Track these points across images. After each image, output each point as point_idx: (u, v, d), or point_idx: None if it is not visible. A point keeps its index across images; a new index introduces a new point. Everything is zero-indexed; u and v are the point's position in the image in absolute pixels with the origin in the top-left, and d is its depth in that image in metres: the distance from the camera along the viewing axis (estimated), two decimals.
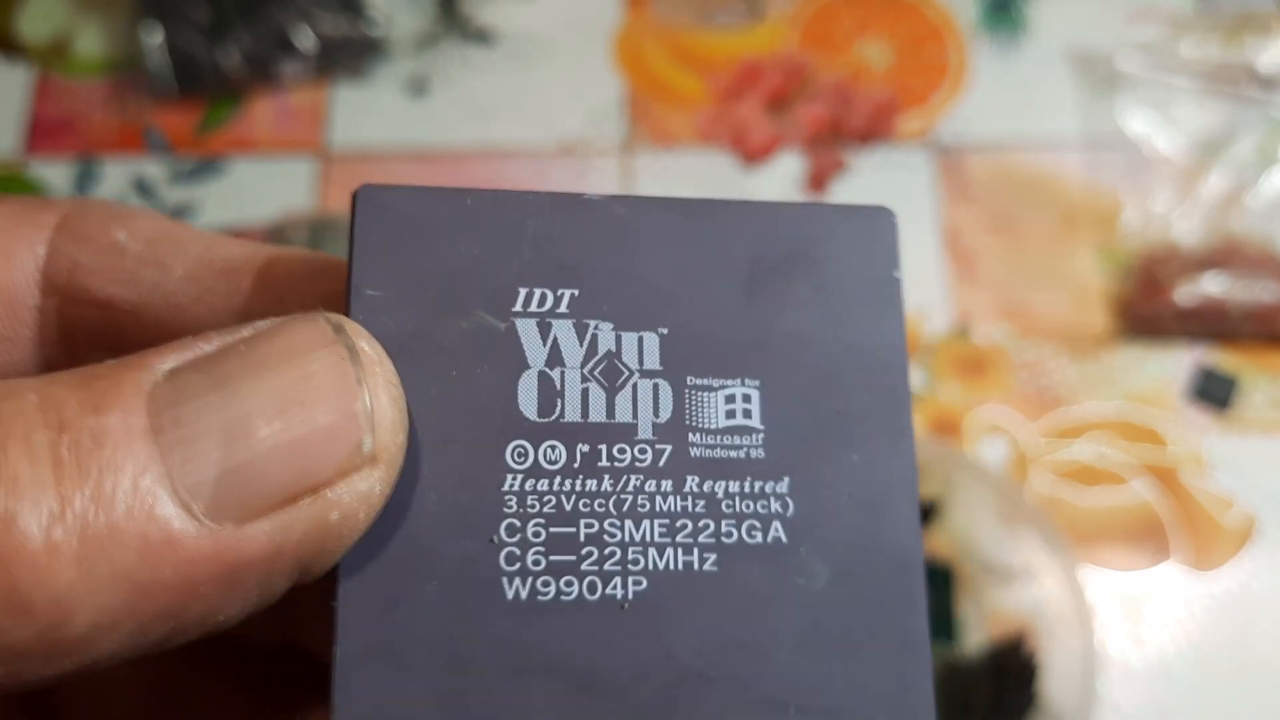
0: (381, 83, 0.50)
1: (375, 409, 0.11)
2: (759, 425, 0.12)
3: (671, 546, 0.12)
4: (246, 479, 0.10)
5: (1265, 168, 0.47)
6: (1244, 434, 0.44)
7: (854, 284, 0.13)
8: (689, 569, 0.12)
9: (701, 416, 0.12)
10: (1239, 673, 0.41)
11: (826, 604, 0.12)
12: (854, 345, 0.13)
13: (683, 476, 0.12)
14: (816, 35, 0.52)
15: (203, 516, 0.10)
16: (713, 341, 0.12)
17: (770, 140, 0.50)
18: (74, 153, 0.49)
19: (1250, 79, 0.49)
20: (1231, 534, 0.43)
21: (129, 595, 0.10)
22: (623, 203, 0.13)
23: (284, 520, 0.11)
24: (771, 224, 0.13)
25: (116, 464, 0.10)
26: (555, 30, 0.52)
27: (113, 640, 0.10)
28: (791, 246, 0.13)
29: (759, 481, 0.12)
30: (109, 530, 0.10)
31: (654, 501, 0.12)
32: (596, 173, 0.49)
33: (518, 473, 0.12)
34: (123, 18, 0.52)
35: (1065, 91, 0.50)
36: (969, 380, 0.45)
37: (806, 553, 0.12)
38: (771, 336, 0.13)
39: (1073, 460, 0.44)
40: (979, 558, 0.41)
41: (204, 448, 0.10)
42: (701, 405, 0.12)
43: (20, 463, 0.10)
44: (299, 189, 0.48)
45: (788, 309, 0.13)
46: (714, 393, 0.12)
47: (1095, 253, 0.47)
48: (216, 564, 0.10)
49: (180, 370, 0.11)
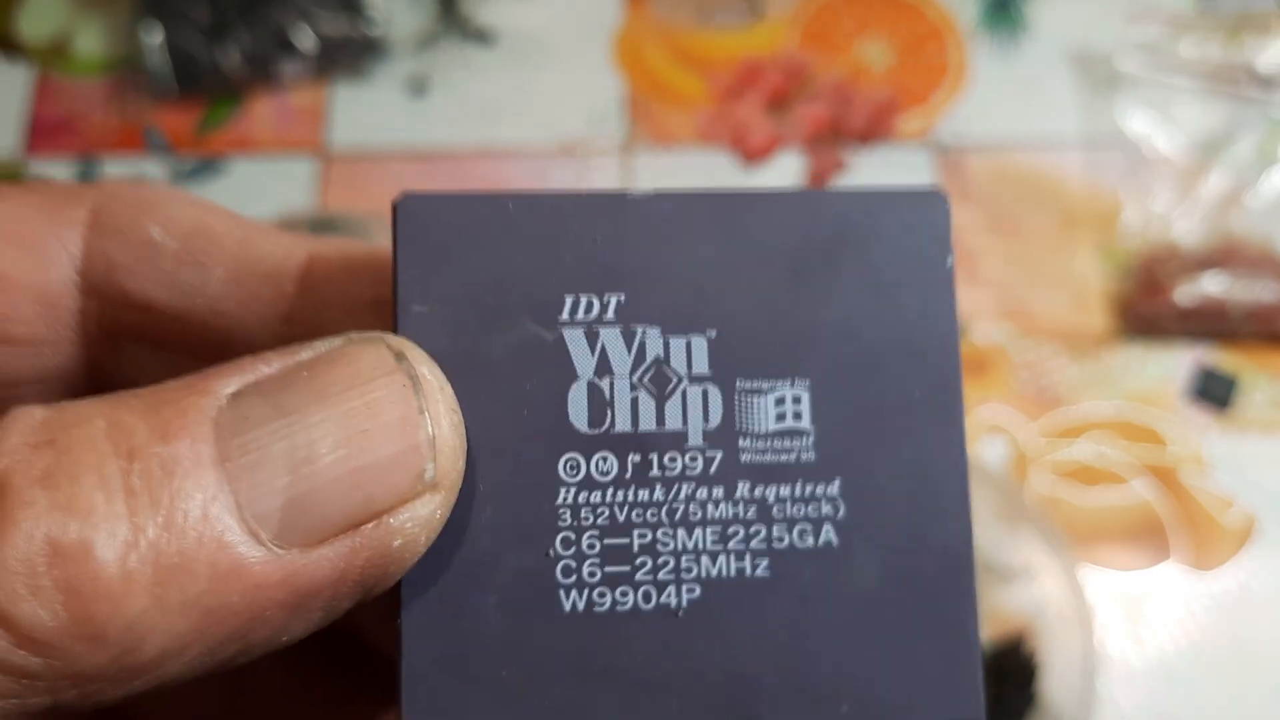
0: (381, 82, 0.50)
1: (437, 437, 0.11)
2: (809, 427, 0.12)
3: (724, 554, 0.12)
4: (311, 506, 0.11)
5: (1265, 167, 0.47)
6: (1244, 434, 0.44)
7: (903, 271, 0.13)
8: (741, 575, 0.12)
9: (752, 421, 0.12)
10: (1239, 672, 0.41)
11: (878, 601, 0.12)
12: (904, 335, 0.12)
13: (734, 483, 0.12)
14: (816, 35, 0.52)
15: (270, 543, 0.10)
16: (761, 341, 0.12)
17: (770, 140, 0.50)
18: (74, 152, 0.49)
19: (1250, 79, 0.49)
20: (1231, 534, 0.43)
21: (199, 621, 0.10)
22: (665, 199, 0.12)
23: (348, 546, 0.11)
24: (817, 212, 0.13)
25: (186, 492, 0.10)
26: (555, 30, 0.52)
27: (181, 663, 0.10)
28: (839, 234, 0.13)
29: (810, 484, 0.12)
30: (180, 558, 0.10)
31: (705, 509, 0.12)
32: (596, 172, 0.49)
33: (571, 485, 0.12)
34: (123, 17, 0.52)
35: (1065, 91, 0.50)
36: (969, 380, 0.45)
37: (858, 554, 0.12)
38: (820, 329, 0.12)
39: (1073, 460, 0.44)
40: (979, 557, 0.41)
41: (270, 475, 0.11)
42: (751, 409, 0.12)
43: (95, 493, 0.10)
44: (299, 188, 0.48)
45: (835, 299, 0.12)
46: (764, 395, 0.12)
47: (1095, 252, 0.47)
48: (283, 589, 0.11)
49: (243, 394, 0.11)
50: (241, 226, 0.14)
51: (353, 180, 0.49)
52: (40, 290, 0.13)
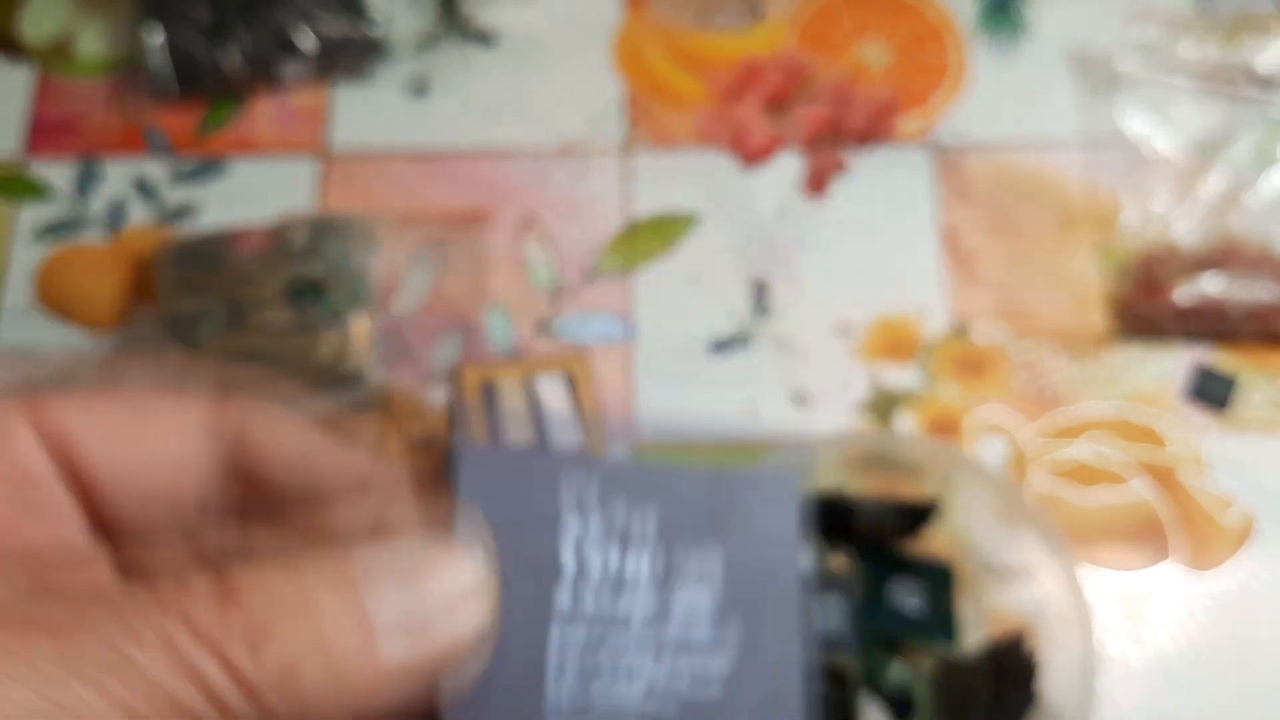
0: (382, 83, 0.51)
1: (486, 624, 0.17)
2: (709, 624, 0.18)
3: (649, 699, 0.18)
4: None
5: (1264, 168, 0.48)
6: (1243, 433, 0.45)
7: (766, 523, 0.19)
8: (660, 714, 0.18)
9: (674, 614, 0.18)
10: (1238, 672, 0.41)
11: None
12: (767, 568, 0.18)
13: (660, 653, 0.18)
14: (816, 36, 0.52)
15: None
16: (682, 557, 0.18)
17: (770, 141, 0.50)
18: (75, 153, 0.49)
19: (1249, 79, 0.49)
20: (1230, 533, 0.43)
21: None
22: (618, 469, 0.18)
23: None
24: (701, 489, 0.18)
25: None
26: (555, 31, 0.52)
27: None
28: (722, 502, 0.19)
29: (706, 659, 0.18)
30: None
31: (638, 669, 0.17)
32: (596, 173, 0.49)
33: (553, 644, 0.17)
34: (124, 18, 0.52)
35: (1064, 92, 0.51)
36: (968, 380, 0.46)
37: (731, 707, 0.18)
38: (715, 563, 0.18)
39: (1072, 460, 0.44)
40: (978, 557, 0.41)
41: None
42: (673, 606, 0.18)
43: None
44: (300, 189, 0.49)
45: (727, 536, 0.18)
46: (681, 594, 0.18)
47: (1094, 253, 0.48)
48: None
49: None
50: (339, 452, 0.19)
51: (354, 180, 0.49)
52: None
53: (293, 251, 0.43)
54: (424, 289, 0.47)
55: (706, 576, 0.18)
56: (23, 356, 0.40)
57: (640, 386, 0.45)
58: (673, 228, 0.48)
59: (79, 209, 0.49)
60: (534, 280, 0.47)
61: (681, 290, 0.47)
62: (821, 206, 0.49)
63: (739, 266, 0.48)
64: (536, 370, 0.45)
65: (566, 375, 0.45)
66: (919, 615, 0.40)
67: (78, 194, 0.49)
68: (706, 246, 0.48)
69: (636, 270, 0.47)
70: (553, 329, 0.46)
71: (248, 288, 0.42)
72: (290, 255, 0.43)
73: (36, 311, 0.47)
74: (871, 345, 0.46)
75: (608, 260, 0.48)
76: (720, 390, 0.45)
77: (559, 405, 0.45)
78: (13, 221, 0.48)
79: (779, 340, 0.46)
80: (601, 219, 0.48)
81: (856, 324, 0.46)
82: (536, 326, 0.46)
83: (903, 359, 0.46)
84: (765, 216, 0.48)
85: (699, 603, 0.18)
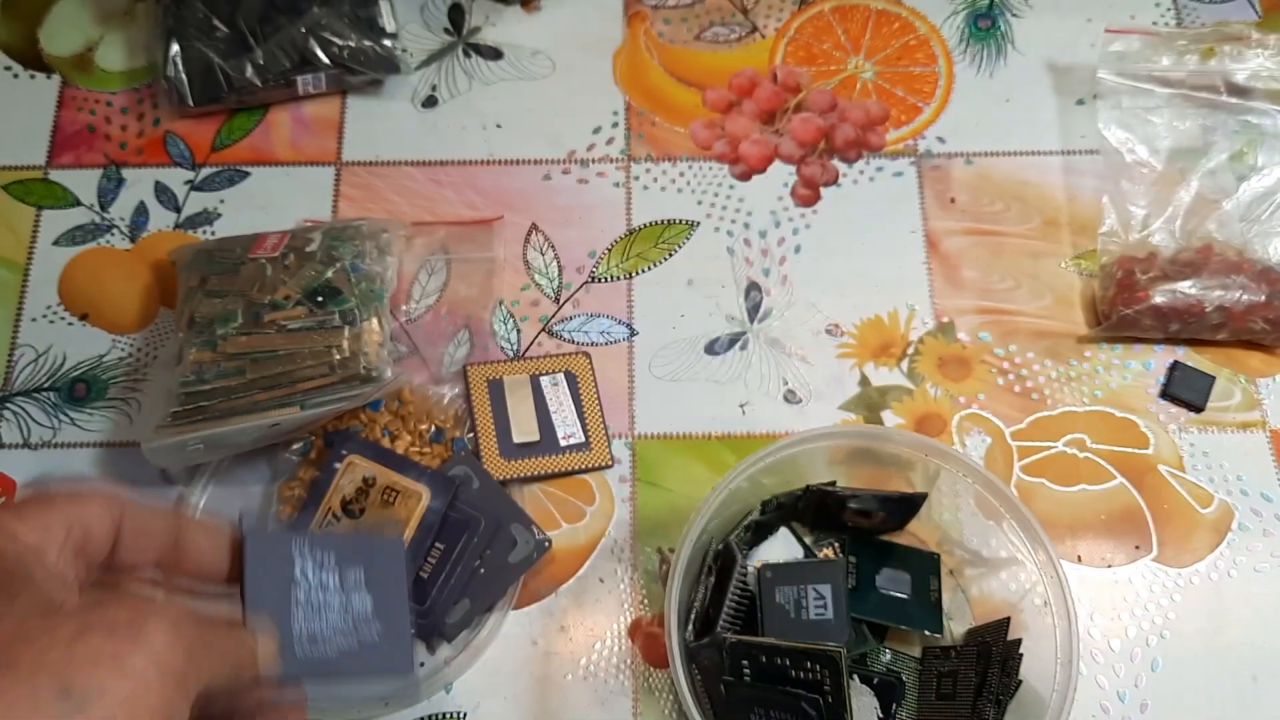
0: (394, 96, 0.52)
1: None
2: (368, 606, 0.32)
3: (342, 639, 0.32)
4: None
5: (1240, 174, 0.48)
6: (1220, 431, 0.45)
7: (384, 560, 0.34)
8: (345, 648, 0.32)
9: (350, 602, 0.32)
10: (1215, 661, 0.41)
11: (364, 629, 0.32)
12: (391, 578, 0.33)
13: (344, 619, 0.32)
14: (809, 50, 0.53)
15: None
16: (350, 574, 0.33)
17: (764, 151, 0.51)
18: (96, 162, 0.50)
19: (1226, 89, 0.50)
20: (1208, 528, 0.43)
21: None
22: (324, 536, 0.34)
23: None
24: (359, 541, 0.34)
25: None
26: (559, 47, 0.53)
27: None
28: (361, 547, 0.33)
29: (368, 622, 0.32)
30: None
31: (333, 626, 0.32)
32: (598, 182, 0.50)
33: (295, 616, 0.31)
34: (144, 32, 0.53)
35: (1047, 102, 0.51)
36: (953, 379, 0.46)
37: (383, 640, 0.32)
38: (363, 575, 0.33)
39: (1053, 457, 0.45)
40: (964, 548, 0.42)
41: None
42: (350, 597, 0.32)
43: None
44: (315, 196, 0.49)
45: (368, 567, 0.33)
46: (353, 593, 0.32)
47: (1076, 257, 0.48)
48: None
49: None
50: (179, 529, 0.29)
51: (366, 188, 0.50)
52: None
53: (308, 256, 0.44)
54: (434, 292, 0.48)
55: (361, 583, 0.32)
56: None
57: (639, 385, 0.46)
58: (671, 234, 0.49)
59: (101, 214, 0.49)
60: (538, 284, 0.48)
61: (679, 293, 0.48)
62: (813, 213, 0.49)
63: (734, 270, 0.48)
64: (541, 369, 0.46)
65: (569, 374, 0.46)
66: (906, 603, 0.40)
67: (100, 200, 0.50)
68: (703, 251, 0.49)
69: (636, 274, 0.48)
70: (556, 330, 0.47)
71: (265, 290, 0.42)
72: (306, 260, 0.44)
73: (60, 313, 0.48)
74: (861, 346, 0.47)
75: (609, 265, 0.48)
76: (716, 388, 0.46)
77: (562, 402, 0.45)
78: (37, 226, 0.49)
79: (772, 341, 0.47)
80: (603, 225, 0.49)
81: (846, 326, 0.47)
82: (541, 328, 0.47)
83: (890, 359, 0.47)
84: (759, 223, 0.49)
85: (361, 596, 0.32)
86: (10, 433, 0.45)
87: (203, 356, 0.41)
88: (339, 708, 0.40)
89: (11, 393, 0.46)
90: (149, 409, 0.45)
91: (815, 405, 0.46)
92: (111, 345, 0.47)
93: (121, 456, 0.45)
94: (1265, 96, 0.50)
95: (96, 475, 0.44)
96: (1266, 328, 0.45)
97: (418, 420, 0.44)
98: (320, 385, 0.41)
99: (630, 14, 0.53)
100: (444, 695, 0.41)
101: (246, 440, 0.41)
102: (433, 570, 0.41)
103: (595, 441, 0.44)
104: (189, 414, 0.41)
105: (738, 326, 0.47)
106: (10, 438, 0.45)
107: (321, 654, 0.30)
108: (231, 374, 0.41)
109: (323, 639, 0.30)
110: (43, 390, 0.46)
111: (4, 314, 0.47)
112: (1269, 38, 0.50)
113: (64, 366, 0.46)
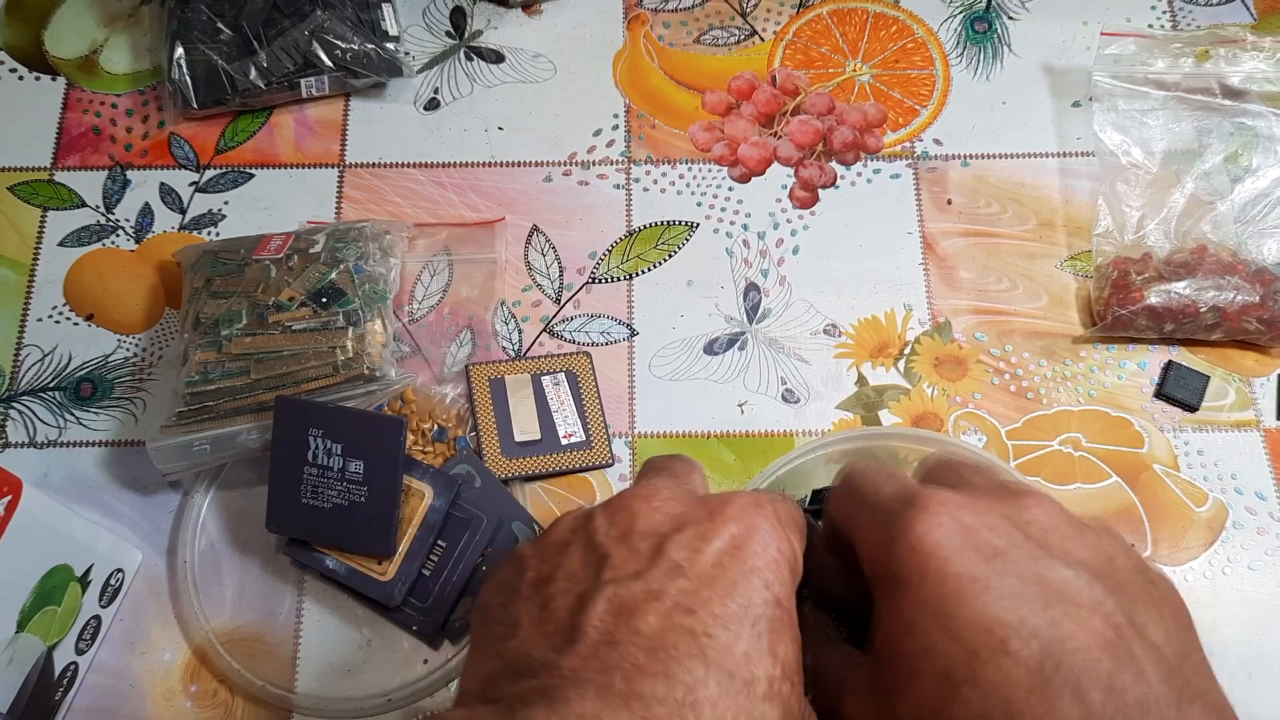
0: (396, 99, 0.52)
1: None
2: (361, 475, 0.40)
3: (339, 498, 0.41)
4: None
5: (1235, 176, 0.48)
6: (1214, 430, 0.46)
7: (383, 438, 0.41)
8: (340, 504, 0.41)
9: (347, 471, 0.40)
10: (1210, 659, 0.41)
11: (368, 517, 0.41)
12: (386, 455, 0.41)
13: (342, 484, 0.40)
14: (807, 54, 0.53)
15: None
16: (351, 446, 0.41)
17: (763, 153, 0.51)
18: (101, 163, 0.51)
19: (1221, 92, 0.50)
20: (1202, 526, 0.44)
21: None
22: (338, 410, 0.41)
23: None
24: (362, 419, 0.41)
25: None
26: (560, 50, 0.53)
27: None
28: (364, 425, 0.41)
29: (360, 486, 0.40)
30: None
31: (333, 489, 0.41)
32: (599, 184, 0.50)
33: (306, 479, 0.41)
34: (149, 35, 0.53)
35: (1043, 105, 0.52)
36: (949, 379, 0.47)
37: (369, 501, 0.41)
38: (364, 451, 0.41)
39: (1049, 456, 0.45)
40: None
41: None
42: (347, 468, 0.40)
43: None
44: (318, 199, 0.50)
45: (370, 450, 0.41)
46: (350, 463, 0.41)
47: (1071, 258, 0.49)
48: None
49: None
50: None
51: (369, 190, 0.50)
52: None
53: (312, 257, 0.44)
54: (437, 293, 0.48)
55: (360, 461, 0.40)
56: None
57: (640, 384, 0.47)
58: (670, 235, 0.49)
59: (106, 216, 0.50)
60: (540, 284, 0.48)
61: (679, 294, 0.48)
62: (811, 215, 0.50)
63: (733, 271, 0.49)
64: (542, 369, 0.46)
65: (570, 374, 0.46)
66: None
67: (105, 201, 0.50)
68: (702, 253, 0.49)
69: (636, 275, 0.49)
70: (557, 330, 0.48)
71: (269, 292, 0.43)
72: (310, 261, 0.44)
73: (65, 313, 0.48)
74: (858, 346, 0.47)
75: (609, 266, 0.49)
76: (715, 388, 0.46)
77: (563, 402, 0.46)
78: (42, 227, 0.49)
79: (770, 341, 0.47)
80: (603, 227, 0.49)
81: (844, 326, 0.48)
82: (542, 328, 0.48)
83: (887, 359, 0.47)
84: (758, 224, 0.50)
85: (357, 467, 0.40)
86: (16, 432, 0.46)
87: (208, 357, 0.42)
88: (342, 708, 0.41)
89: (18, 392, 0.46)
90: (154, 409, 0.46)
91: (813, 405, 0.46)
92: (117, 345, 0.47)
93: (127, 456, 0.45)
94: (1260, 99, 0.50)
95: (102, 474, 0.45)
96: (1260, 328, 0.45)
97: (420, 419, 0.44)
98: (324, 385, 0.41)
99: (631, 18, 0.54)
100: (447, 692, 0.41)
101: (253, 441, 0.41)
102: (435, 568, 0.41)
103: (596, 440, 0.45)
104: (194, 414, 0.41)
105: (737, 327, 0.48)
106: (16, 437, 0.46)
107: (319, 505, 0.40)
108: (236, 374, 0.42)
109: (321, 496, 0.40)
110: (49, 390, 0.46)
111: (10, 314, 0.48)
112: (1264, 40, 0.50)
113: (69, 366, 0.47)
